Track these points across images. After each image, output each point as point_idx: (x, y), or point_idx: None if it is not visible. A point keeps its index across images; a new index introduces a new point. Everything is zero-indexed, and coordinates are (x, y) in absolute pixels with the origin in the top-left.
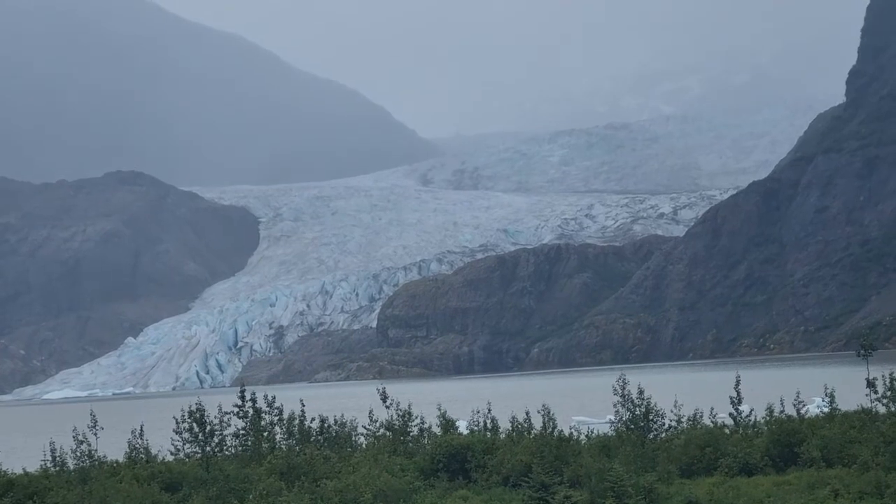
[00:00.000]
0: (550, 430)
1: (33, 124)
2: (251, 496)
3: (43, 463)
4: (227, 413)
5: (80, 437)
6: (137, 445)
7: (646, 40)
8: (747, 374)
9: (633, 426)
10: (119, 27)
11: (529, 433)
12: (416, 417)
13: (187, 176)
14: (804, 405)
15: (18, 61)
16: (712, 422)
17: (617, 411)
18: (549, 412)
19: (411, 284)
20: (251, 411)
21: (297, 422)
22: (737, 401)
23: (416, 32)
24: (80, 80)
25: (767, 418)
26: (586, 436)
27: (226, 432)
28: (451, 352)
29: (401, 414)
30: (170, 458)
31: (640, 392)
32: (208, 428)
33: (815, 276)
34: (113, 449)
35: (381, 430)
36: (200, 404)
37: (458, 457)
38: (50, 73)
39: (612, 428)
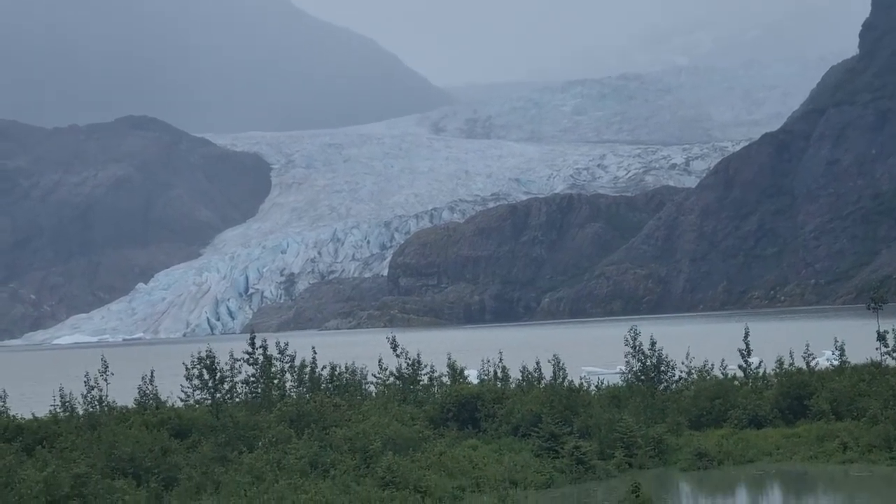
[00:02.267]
0: (560, 380)
1: (45, 69)
2: (261, 443)
3: (52, 408)
4: (237, 360)
5: (91, 383)
6: (147, 391)
7: None
8: (757, 327)
9: (643, 377)
10: None
11: (539, 383)
12: (426, 366)
13: (199, 122)
14: (814, 358)
15: (31, 7)
16: (722, 374)
17: (628, 362)
18: (559, 362)
19: (423, 233)
20: (262, 358)
21: (307, 369)
22: (746, 353)
23: None
24: (93, 25)
25: (777, 371)
26: (596, 386)
27: (236, 379)
28: (462, 300)
29: (410, 363)
30: (179, 404)
31: (652, 344)
32: (218, 375)
33: (827, 228)
34: (123, 395)
35: (391, 379)
36: (211, 351)
37: (467, 406)
38: (62, 19)
39: (623, 379)
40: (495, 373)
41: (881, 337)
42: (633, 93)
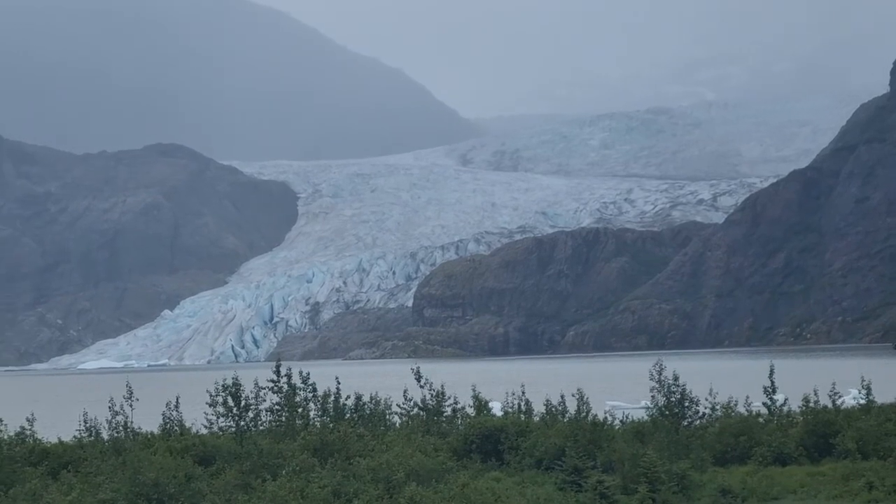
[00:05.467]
0: (584, 414)
1: (76, 95)
2: (284, 472)
3: (77, 432)
4: (262, 388)
5: (116, 408)
6: (172, 418)
7: (689, 28)
8: (783, 364)
9: (667, 412)
10: (162, 0)
11: (563, 417)
12: (450, 398)
13: (227, 150)
14: (840, 396)
15: (62, 34)
16: (747, 410)
17: (653, 397)
18: (583, 396)
19: (448, 264)
20: (286, 387)
21: (331, 399)
22: (771, 390)
23: (460, 13)
24: (123, 52)
25: (803, 408)
26: (620, 421)
27: (260, 407)
28: (487, 332)
29: (434, 394)
30: (204, 431)
31: (676, 378)
32: (243, 402)
33: (854, 266)
34: (147, 420)
35: (415, 410)
36: (236, 379)
37: (491, 438)
38: (93, 45)
39: (647, 414)
40: (519, 405)
41: None
42: (662, 127)
